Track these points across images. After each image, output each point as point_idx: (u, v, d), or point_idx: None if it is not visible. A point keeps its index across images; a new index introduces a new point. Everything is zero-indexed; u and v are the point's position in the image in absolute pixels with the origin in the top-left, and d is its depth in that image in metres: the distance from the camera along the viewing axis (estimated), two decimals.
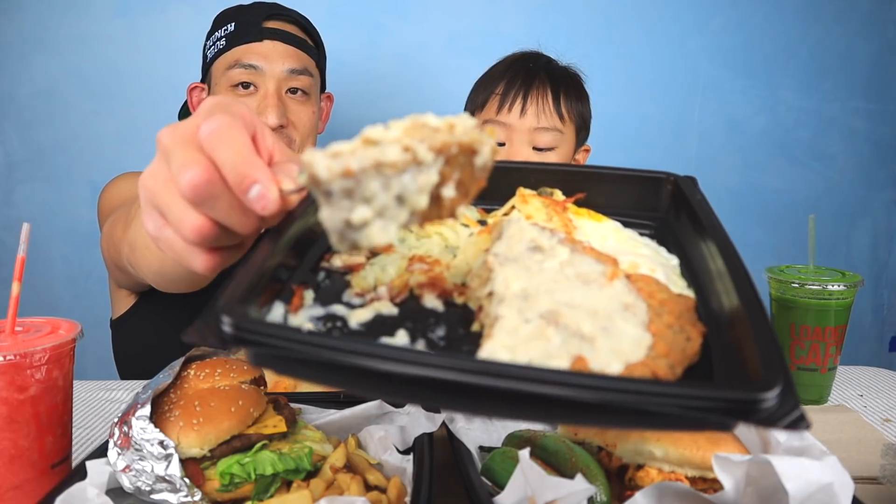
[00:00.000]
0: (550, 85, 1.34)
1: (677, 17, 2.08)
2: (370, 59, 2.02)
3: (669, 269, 0.54)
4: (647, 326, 0.44)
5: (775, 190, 2.19)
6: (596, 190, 0.63)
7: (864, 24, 2.13)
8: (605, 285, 0.48)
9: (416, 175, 0.43)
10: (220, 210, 0.48)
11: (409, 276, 0.54)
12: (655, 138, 2.13)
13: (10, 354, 0.64)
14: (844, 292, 1.01)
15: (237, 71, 1.31)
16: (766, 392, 0.35)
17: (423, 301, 0.52)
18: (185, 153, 0.48)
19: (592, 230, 0.57)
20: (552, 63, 1.41)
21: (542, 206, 0.59)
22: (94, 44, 1.94)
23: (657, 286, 0.49)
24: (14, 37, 1.92)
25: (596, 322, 0.44)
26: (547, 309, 0.44)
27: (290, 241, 0.52)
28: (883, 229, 2.25)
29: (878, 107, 2.18)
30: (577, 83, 1.41)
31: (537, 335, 0.42)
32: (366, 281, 0.54)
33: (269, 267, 0.49)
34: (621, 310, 0.46)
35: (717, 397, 0.36)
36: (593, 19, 2.06)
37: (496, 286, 0.46)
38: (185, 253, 0.51)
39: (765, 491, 0.54)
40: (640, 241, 0.58)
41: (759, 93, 2.13)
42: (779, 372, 0.36)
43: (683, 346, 0.44)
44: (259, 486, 0.64)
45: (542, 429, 0.78)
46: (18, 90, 1.94)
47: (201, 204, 0.47)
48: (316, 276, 0.55)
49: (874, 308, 2.28)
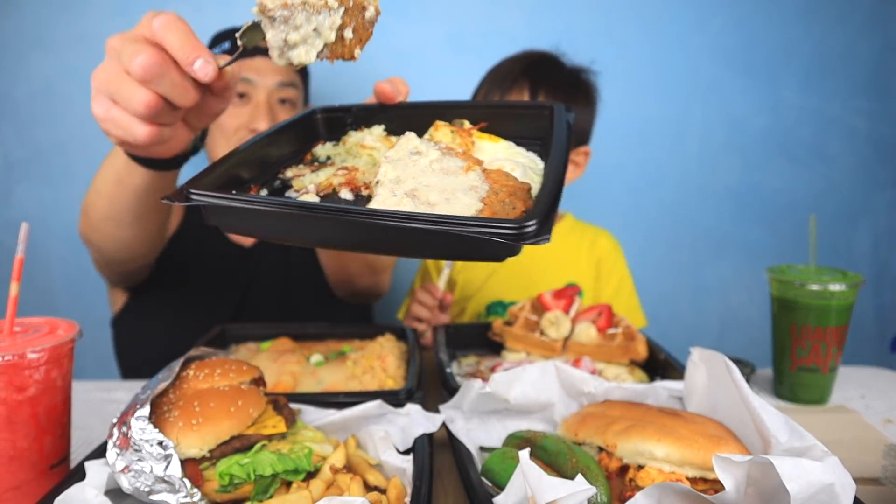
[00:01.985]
0: (529, 84, 1.36)
1: (677, 17, 2.07)
2: (370, 59, 2.02)
3: (532, 170, 0.72)
4: (482, 200, 0.62)
5: (776, 190, 2.18)
6: (499, 121, 0.82)
7: (865, 23, 2.13)
8: (461, 175, 0.67)
9: (327, 16, 0.65)
10: (166, 85, 0.64)
11: (333, 178, 0.73)
12: (656, 138, 2.13)
13: (8, 355, 0.64)
14: (845, 292, 1.01)
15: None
16: (526, 223, 0.53)
17: (340, 194, 0.71)
18: (135, 45, 0.63)
19: (489, 147, 0.78)
20: (545, 64, 1.41)
21: (450, 132, 0.78)
22: (93, 43, 1.94)
23: (506, 177, 0.67)
24: (12, 36, 1.92)
25: (441, 195, 0.63)
26: (410, 188, 0.63)
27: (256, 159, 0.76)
28: (884, 229, 2.25)
29: (879, 106, 2.17)
30: (570, 87, 1.40)
31: (398, 204, 0.62)
32: (302, 182, 0.75)
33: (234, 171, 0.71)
34: (466, 189, 0.64)
35: (497, 224, 0.54)
36: (593, 19, 2.05)
37: (379, 175, 0.66)
38: (131, 125, 0.67)
39: (766, 491, 0.54)
40: (522, 153, 0.77)
41: (760, 92, 2.13)
42: (539, 213, 0.55)
43: (508, 212, 0.61)
44: (259, 486, 0.64)
45: (542, 429, 0.78)
46: (16, 89, 1.94)
47: (150, 81, 0.63)
48: (273, 183, 0.76)
49: (875, 308, 2.28)
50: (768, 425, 0.64)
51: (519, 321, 1.08)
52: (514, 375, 0.77)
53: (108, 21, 1.94)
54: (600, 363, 1.00)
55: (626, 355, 1.00)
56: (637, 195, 2.15)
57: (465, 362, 1.09)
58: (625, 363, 1.00)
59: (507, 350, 1.08)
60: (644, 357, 1.01)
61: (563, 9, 2.04)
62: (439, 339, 1.07)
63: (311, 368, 0.97)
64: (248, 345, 1.10)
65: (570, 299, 1.10)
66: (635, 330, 1.03)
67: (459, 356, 1.11)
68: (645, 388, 0.80)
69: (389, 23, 2.02)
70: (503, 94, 1.37)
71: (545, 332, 1.05)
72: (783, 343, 1.06)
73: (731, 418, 0.71)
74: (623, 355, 1.00)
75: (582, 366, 0.98)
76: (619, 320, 1.06)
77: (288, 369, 0.96)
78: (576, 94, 1.40)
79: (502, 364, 1.02)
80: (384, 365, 0.96)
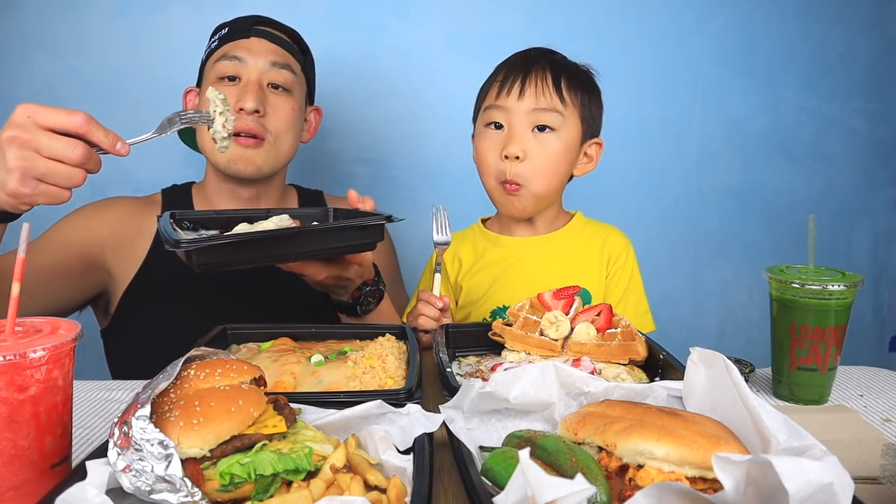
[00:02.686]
0: (551, 69, 1.34)
1: (677, 17, 2.08)
2: (370, 59, 2.02)
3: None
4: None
5: (775, 190, 2.19)
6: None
7: (865, 23, 2.13)
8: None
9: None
10: (90, 165, 0.91)
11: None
12: (656, 138, 2.13)
13: (9, 354, 0.64)
14: (844, 292, 1.01)
15: (223, 63, 1.40)
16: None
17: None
18: (60, 141, 0.89)
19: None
20: (557, 55, 1.40)
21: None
22: (94, 44, 1.94)
23: None
24: (14, 37, 1.92)
25: None
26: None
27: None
28: (883, 229, 2.25)
29: (879, 107, 2.18)
30: (586, 76, 1.40)
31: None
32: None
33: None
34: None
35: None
36: (593, 19, 2.06)
37: None
38: (62, 193, 0.91)
39: (765, 491, 0.54)
40: None
41: (760, 93, 2.13)
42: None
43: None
44: (259, 486, 0.64)
45: (542, 429, 0.78)
46: (18, 90, 1.94)
47: (84, 163, 0.90)
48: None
49: (874, 308, 2.28)
50: (767, 425, 0.64)
51: (519, 321, 1.08)
52: (514, 375, 0.77)
53: (109, 22, 1.95)
54: (600, 363, 1.00)
55: (625, 355, 1.00)
56: (637, 195, 2.15)
57: (465, 362, 1.09)
58: (624, 363, 1.00)
59: (507, 350, 1.08)
60: (644, 357, 1.01)
61: (563, 9, 2.04)
62: (439, 339, 1.07)
63: (312, 368, 0.97)
64: (249, 345, 1.10)
65: (570, 299, 1.10)
66: (635, 330, 1.03)
67: (459, 356, 1.12)
68: (645, 388, 0.80)
69: (389, 23, 2.03)
70: (525, 73, 1.33)
71: (545, 332, 1.05)
72: (782, 343, 1.06)
73: (730, 418, 0.71)
74: (622, 355, 1.00)
75: (581, 366, 0.98)
76: (618, 320, 1.06)
77: (288, 369, 0.97)
78: (589, 82, 1.39)
79: (502, 364, 1.02)
80: (384, 365, 0.97)
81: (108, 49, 1.95)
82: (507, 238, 1.46)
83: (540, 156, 1.32)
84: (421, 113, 2.02)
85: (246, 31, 1.43)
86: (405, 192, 2.09)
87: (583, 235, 1.46)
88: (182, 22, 1.96)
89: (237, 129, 1.36)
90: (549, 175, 1.34)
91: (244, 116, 1.37)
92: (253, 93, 1.37)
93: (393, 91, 2.03)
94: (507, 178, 1.34)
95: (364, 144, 2.05)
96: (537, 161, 1.32)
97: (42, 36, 1.93)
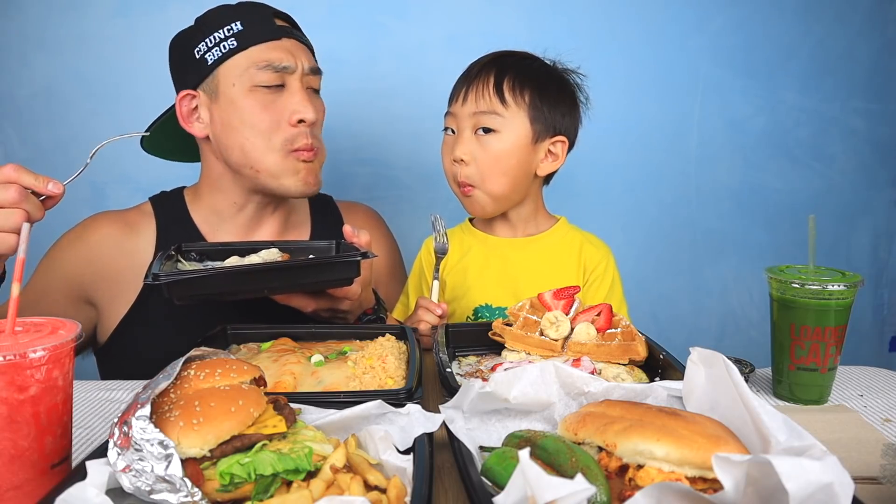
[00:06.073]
0: (495, 72, 1.36)
1: (677, 17, 2.07)
2: (370, 59, 2.02)
3: None
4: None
5: (775, 190, 2.18)
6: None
7: (865, 23, 2.13)
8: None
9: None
10: (27, 205, 0.91)
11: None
12: (656, 138, 2.13)
13: (9, 354, 0.64)
14: (844, 292, 1.01)
15: (268, 73, 1.28)
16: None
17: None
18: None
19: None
20: (515, 58, 1.39)
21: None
22: (94, 44, 1.94)
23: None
24: (14, 37, 1.92)
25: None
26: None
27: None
28: (883, 229, 2.25)
29: (879, 107, 2.17)
30: (547, 79, 1.38)
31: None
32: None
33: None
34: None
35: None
36: (593, 19, 2.06)
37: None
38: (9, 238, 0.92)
39: (765, 491, 0.54)
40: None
41: (759, 93, 2.13)
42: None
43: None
44: (259, 486, 0.64)
45: (542, 429, 0.78)
46: (18, 90, 1.94)
47: (21, 203, 0.90)
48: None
49: (874, 308, 2.28)
50: (767, 425, 0.64)
51: (519, 321, 1.08)
52: (514, 375, 0.77)
53: (109, 22, 1.94)
54: (600, 363, 1.00)
55: (625, 355, 1.00)
56: (637, 195, 2.15)
57: (465, 362, 1.09)
58: (624, 363, 1.00)
59: (507, 350, 1.08)
60: (644, 357, 1.01)
61: (563, 9, 2.04)
62: (439, 339, 1.07)
63: (312, 368, 0.97)
64: (249, 345, 1.11)
65: (571, 299, 1.10)
66: (635, 330, 1.04)
67: (459, 356, 1.12)
68: (645, 388, 0.81)
69: (389, 23, 2.03)
70: (469, 82, 1.37)
71: (545, 332, 1.05)
72: (782, 343, 1.06)
73: (730, 418, 0.71)
74: (623, 355, 1.00)
75: (582, 366, 0.98)
76: (618, 320, 1.06)
77: (288, 369, 0.97)
78: (547, 84, 1.37)
79: (502, 364, 1.02)
80: (384, 365, 0.97)
81: (107, 49, 1.95)
82: (492, 238, 1.48)
83: (482, 157, 1.35)
84: (421, 113, 2.02)
85: (274, 31, 1.31)
86: (405, 192, 2.09)
87: (564, 242, 1.47)
88: (182, 22, 1.94)
89: (299, 146, 1.30)
90: (496, 175, 1.36)
91: (301, 129, 1.30)
92: (310, 103, 1.31)
93: (393, 91, 2.03)
94: (458, 180, 1.39)
95: (364, 144, 2.05)
96: (481, 163, 1.36)
97: (42, 36, 1.93)
